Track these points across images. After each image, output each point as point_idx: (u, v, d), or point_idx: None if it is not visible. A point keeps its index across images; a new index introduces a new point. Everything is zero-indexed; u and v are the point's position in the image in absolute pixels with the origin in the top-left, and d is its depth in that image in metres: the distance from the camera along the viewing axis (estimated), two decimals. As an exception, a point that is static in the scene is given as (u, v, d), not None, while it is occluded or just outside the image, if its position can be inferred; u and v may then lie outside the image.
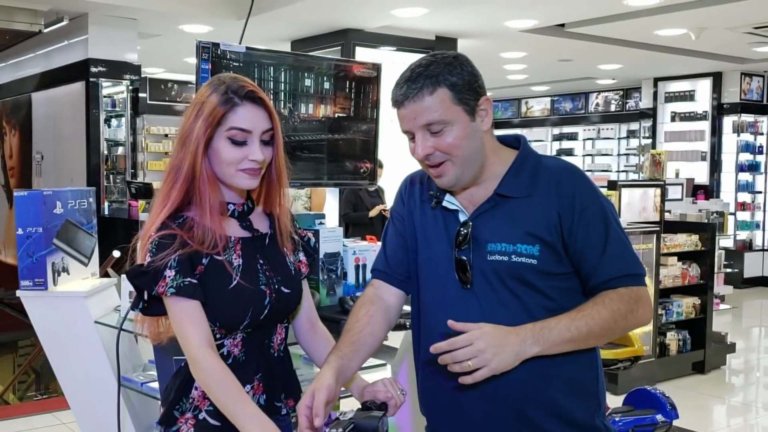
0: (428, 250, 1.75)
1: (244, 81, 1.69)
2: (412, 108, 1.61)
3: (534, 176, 1.67)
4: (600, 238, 1.63)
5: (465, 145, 1.62)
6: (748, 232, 11.43)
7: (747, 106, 11.32)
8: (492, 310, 1.63)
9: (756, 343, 8.11)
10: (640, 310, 1.64)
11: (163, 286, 1.60)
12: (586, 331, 1.59)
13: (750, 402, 5.97)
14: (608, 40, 8.73)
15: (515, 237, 1.63)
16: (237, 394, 1.60)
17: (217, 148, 1.65)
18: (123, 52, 7.67)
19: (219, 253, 1.66)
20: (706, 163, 11.40)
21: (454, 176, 1.65)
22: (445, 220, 1.72)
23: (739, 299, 9.46)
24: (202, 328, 1.63)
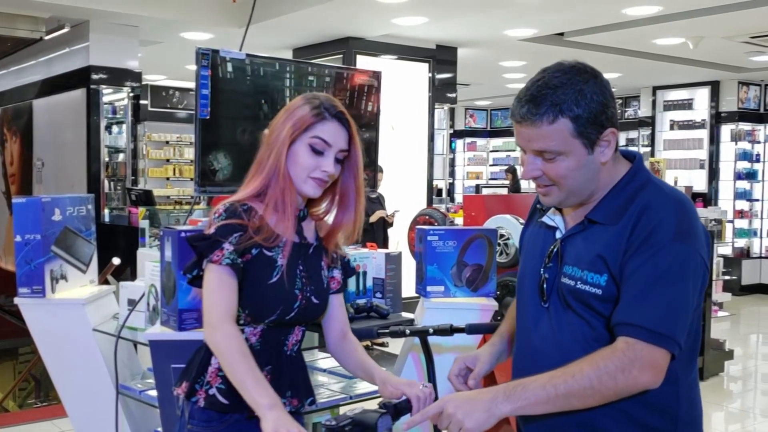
0: (524, 263, 1.78)
1: (337, 102, 1.84)
2: (529, 131, 1.54)
3: (628, 202, 1.56)
4: (644, 280, 1.48)
5: (575, 176, 1.56)
6: (745, 240, 11.45)
7: (744, 115, 11.35)
8: (561, 328, 1.61)
9: (754, 349, 8.11)
10: (637, 372, 1.46)
11: (219, 255, 1.71)
12: (565, 390, 1.48)
13: (748, 408, 5.98)
14: (607, 48, 8.77)
15: (584, 263, 1.57)
16: (249, 364, 1.67)
17: (297, 152, 1.78)
18: (124, 59, 7.70)
19: (270, 249, 1.78)
20: (704, 171, 11.43)
21: (557, 199, 1.62)
22: (544, 236, 1.71)
23: (737, 306, 9.46)
24: (231, 302, 1.73)
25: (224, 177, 2.81)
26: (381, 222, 6.79)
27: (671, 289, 1.48)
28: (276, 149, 1.78)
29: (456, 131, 15.27)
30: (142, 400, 2.66)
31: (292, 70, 2.96)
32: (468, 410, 1.51)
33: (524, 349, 1.70)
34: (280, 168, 1.77)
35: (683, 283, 1.49)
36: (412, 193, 8.14)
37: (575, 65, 1.57)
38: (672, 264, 1.48)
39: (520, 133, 1.58)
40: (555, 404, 1.50)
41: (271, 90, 2.90)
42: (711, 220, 7.46)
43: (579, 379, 1.48)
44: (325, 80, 3.04)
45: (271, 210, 1.78)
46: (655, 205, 1.53)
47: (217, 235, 1.73)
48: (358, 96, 3.12)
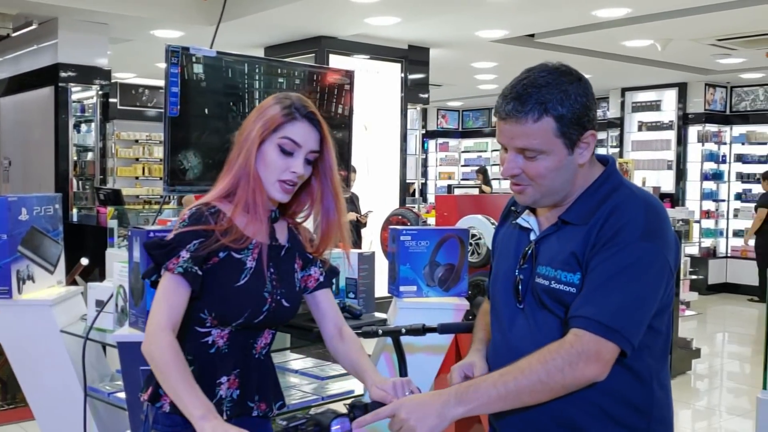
0: (498, 264, 1.79)
1: (308, 103, 1.82)
2: (512, 128, 1.56)
3: (600, 204, 1.59)
4: (602, 276, 1.50)
5: (553, 176, 1.58)
6: (712, 240, 11.63)
7: (711, 117, 11.54)
8: (538, 328, 1.62)
9: (720, 348, 8.25)
10: (582, 364, 1.46)
11: (174, 264, 1.68)
12: (515, 387, 1.49)
13: (714, 406, 6.08)
14: (577, 50, 8.85)
15: (557, 263, 1.59)
16: (183, 374, 1.63)
17: (266, 152, 1.76)
18: (93, 57, 7.61)
19: (238, 251, 1.75)
20: (671, 172, 11.59)
21: (531, 199, 1.64)
22: (518, 237, 1.73)
23: (703, 305, 9.61)
24: (176, 313, 1.69)
25: (194, 176, 2.78)
26: (354, 222, 6.79)
27: (630, 285, 1.50)
28: (245, 149, 1.76)
29: (428, 132, 15.32)
30: (111, 402, 2.63)
31: (263, 69, 2.94)
32: (420, 415, 1.51)
33: (502, 350, 1.70)
34: (249, 168, 1.75)
35: (644, 281, 1.51)
36: (385, 193, 8.15)
37: (560, 66, 1.60)
38: (635, 261, 1.50)
39: (503, 130, 1.59)
40: (507, 402, 1.51)
41: (242, 88, 2.88)
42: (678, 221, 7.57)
43: (528, 375, 1.49)
44: (297, 79, 3.03)
45: (241, 211, 1.76)
46: (625, 206, 1.56)
47: (174, 243, 1.71)
48: (331, 96, 3.10)
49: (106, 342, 2.60)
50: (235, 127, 2.83)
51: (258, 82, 2.92)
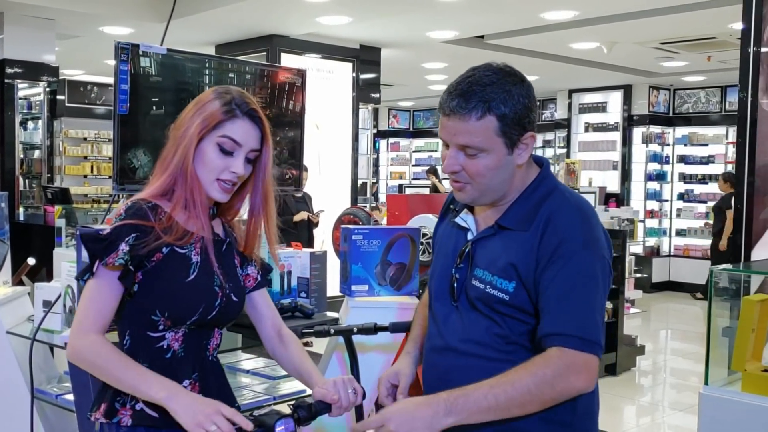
0: (436, 261, 1.81)
1: (250, 99, 1.74)
2: (456, 124, 1.58)
3: (537, 209, 1.63)
4: (560, 290, 1.55)
5: (492, 175, 1.61)
6: (655, 239, 11.91)
7: (655, 118, 11.80)
8: (471, 326, 1.67)
9: (663, 345, 8.44)
10: (573, 377, 1.52)
11: (114, 257, 1.62)
12: (504, 399, 1.52)
13: (657, 402, 6.23)
14: (526, 52, 8.98)
15: (495, 269, 1.62)
16: (126, 362, 1.60)
17: (204, 150, 1.69)
18: (40, 53, 7.45)
19: (181, 246, 1.69)
20: (617, 173, 11.81)
21: (470, 197, 1.66)
22: (456, 236, 1.75)
23: (647, 303, 9.83)
24: (103, 316, 1.63)
25: (144, 175, 2.76)
26: (306, 222, 6.78)
27: (588, 295, 1.57)
28: (182, 147, 1.69)
29: (379, 131, 15.36)
30: (59, 404, 2.60)
31: (214, 66, 2.94)
32: (410, 428, 1.51)
33: (435, 345, 1.75)
34: (187, 167, 1.68)
35: (595, 288, 1.58)
36: (336, 192, 8.16)
37: (504, 67, 1.63)
38: (583, 271, 1.57)
39: (446, 126, 1.61)
40: (496, 413, 1.53)
41: (192, 86, 2.87)
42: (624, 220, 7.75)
43: (518, 388, 1.52)
44: (249, 76, 3.03)
45: (180, 209, 1.69)
46: (561, 216, 1.61)
47: (112, 236, 1.62)
48: (282, 93, 3.11)
49: (54, 343, 2.57)
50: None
51: (209, 80, 2.92)
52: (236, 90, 1.75)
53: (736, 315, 2.63)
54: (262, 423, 1.56)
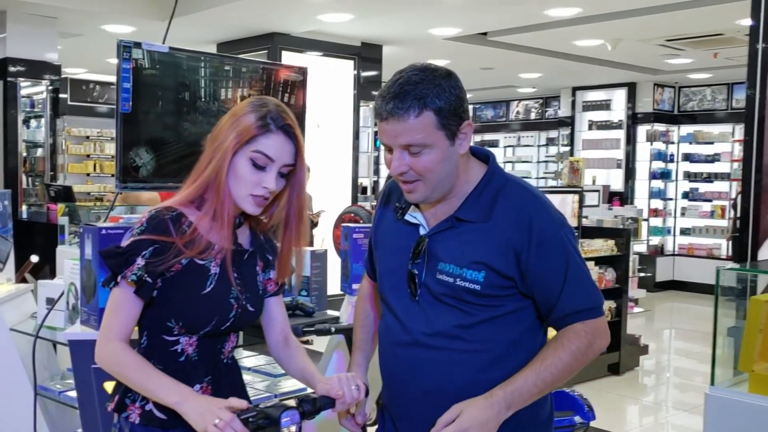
0: (388, 259, 1.82)
1: (286, 113, 1.74)
2: (395, 126, 1.62)
3: (494, 200, 1.69)
4: (559, 271, 1.67)
5: (440, 168, 1.65)
6: (659, 238, 11.88)
7: (659, 116, 11.77)
8: (437, 318, 1.71)
9: (667, 344, 8.42)
10: (598, 341, 1.70)
11: (130, 271, 1.64)
12: (551, 380, 1.67)
13: (661, 401, 6.21)
14: (529, 49, 8.97)
15: (464, 262, 1.67)
16: (145, 369, 1.65)
17: (238, 165, 1.69)
18: (43, 52, 7.45)
19: (200, 258, 1.70)
20: (621, 171, 11.78)
21: (423, 195, 1.69)
22: (406, 233, 1.77)
23: (651, 302, 9.80)
24: (125, 326, 1.68)
25: (147, 173, 2.76)
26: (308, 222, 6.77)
27: (580, 267, 1.70)
28: (216, 160, 1.70)
29: (381, 129, 15.31)
30: (62, 401, 2.60)
31: (215, 65, 2.94)
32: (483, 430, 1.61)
33: (400, 340, 1.76)
34: (220, 180, 1.69)
35: (580, 256, 1.72)
36: (337, 191, 8.15)
37: (428, 65, 1.66)
38: (568, 248, 1.69)
39: (385, 131, 1.64)
40: (542, 393, 1.69)
41: (194, 84, 2.87)
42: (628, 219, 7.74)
43: (561, 367, 1.66)
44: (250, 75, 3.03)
45: (209, 219, 1.70)
46: (527, 205, 1.69)
47: (130, 251, 1.65)
48: (283, 92, 3.11)
49: (57, 340, 2.57)
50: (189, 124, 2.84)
51: (210, 78, 2.92)
52: (273, 103, 1.75)
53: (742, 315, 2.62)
54: (268, 415, 1.58)
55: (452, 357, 1.69)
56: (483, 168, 1.75)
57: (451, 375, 1.69)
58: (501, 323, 1.69)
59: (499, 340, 1.69)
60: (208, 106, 2.89)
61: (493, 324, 1.69)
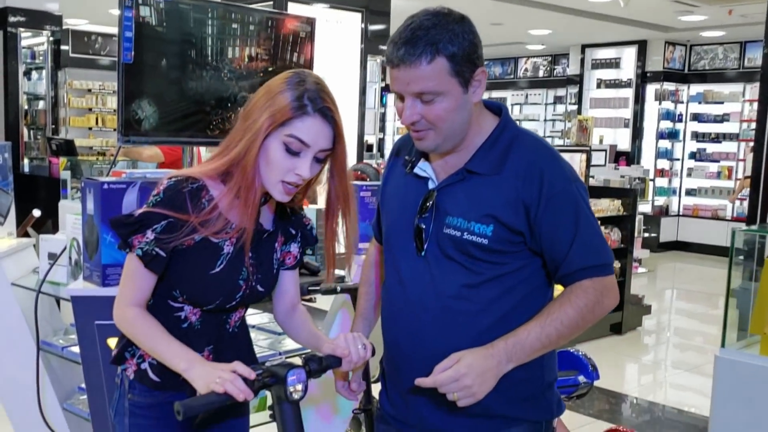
0: (394, 213, 1.77)
1: (325, 93, 1.62)
2: (407, 73, 1.55)
3: (506, 153, 1.64)
4: (569, 226, 1.62)
5: (452, 117, 1.59)
6: (665, 198, 11.84)
7: (669, 75, 11.63)
8: (442, 277, 1.66)
9: (668, 304, 8.45)
10: (606, 300, 1.65)
11: (139, 241, 1.59)
12: (556, 336, 1.61)
13: (660, 360, 6.26)
14: (539, 4, 8.81)
15: (472, 215, 1.63)
16: (156, 333, 1.63)
17: (270, 148, 1.59)
18: (43, 2, 7.34)
19: (215, 236, 1.63)
20: (628, 130, 11.70)
21: (434, 143, 1.63)
22: (415, 186, 1.72)
23: (654, 263, 9.82)
24: (141, 293, 1.65)
25: (150, 126, 2.71)
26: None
27: (591, 223, 1.65)
28: (247, 140, 1.58)
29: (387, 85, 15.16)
30: (65, 356, 2.58)
31: (219, 14, 2.86)
32: (481, 381, 1.56)
33: (400, 303, 1.72)
34: (249, 162, 1.58)
35: (591, 214, 1.67)
36: (342, 147, 8.08)
37: (442, 9, 1.60)
38: (579, 202, 1.64)
39: (397, 78, 1.58)
40: (547, 349, 1.64)
41: (198, 35, 2.80)
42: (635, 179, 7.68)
43: (566, 323, 1.61)
44: (252, 27, 2.95)
45: (232, 196, 1.61)
46: (539, 158, 1.64)
47: (140, 221, 1.59)
48: (288, 44, 3.03)
49: (60, 296, 2.54)
50: (192, 76, 2.78)
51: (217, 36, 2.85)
52: (312, 80, 1.62)
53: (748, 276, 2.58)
54: (274, 373, 1.56)
55: (457, 319, 1.65)
56: (495, 120, 1.70)
57: (456, 337, 1.64)
58: (507, 282, 1.65)
59: (505, 300, 1.65)
60: (213, 62, 2.82)
61: (500, 283, 1.65)
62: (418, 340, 1.68)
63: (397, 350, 1.75)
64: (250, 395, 1.51)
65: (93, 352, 2.27)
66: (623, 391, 5.17)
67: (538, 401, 1.72)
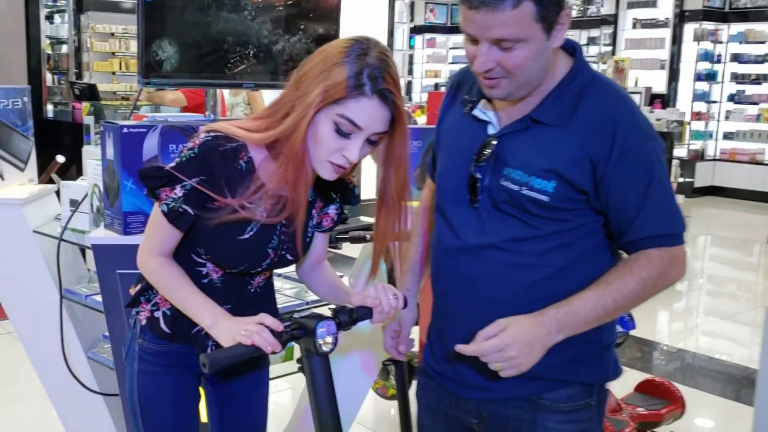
0: (449, 158, 1.64)
1: (388, 71, 1.44)
2: (487, 17, 1.37)
3: (577, 102, 1.48)
4: (639, 188, 1.46)
5: (531, 65, 1.43)
6: (701, 142, 11.55)
7: (708, 14, 11.24)
8: (495, 230, 1.54)
9: (701, 251, 8.30)
10: (673, 271, 1.50)
11: (166, 195, 1.50)
12: (613, 308, 1.49)
13: (692, 307, 6.15)
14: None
15: (533, 169, 1.48)
16: (182, 289, 1.58)
17: (318, 124, 1.45)
18: (63, -57, 7.19)
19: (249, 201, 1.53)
20: (664, 72, 11.38)
21: (506, 92, 1.48)
22: (472, 130, 1.57)
23: (689, 208, 9.62)
24: (166, 244, 1.58)
25: (171, 67, 2.60)
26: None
27: (665, 187, 1.50)
28: (296, 114, 1.45)
29: (415, 27, 14.86)
30: (88, 305, 2.53)
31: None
32: (528, 352, 1.45)
33: (450, 252, 1.60)
34: (297, 139, 1.45)
35: (665, 177, 1.51)
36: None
37: None
38: (653, 163, 1.48)
39: (474, 21, 1.40)
40: (601, 321, 1.51)
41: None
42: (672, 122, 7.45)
43: (626, 294, 1.48)
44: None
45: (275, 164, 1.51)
46: (612, 108, 1.48)
47: (171, 176, 1.48)
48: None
49: (82, 244, 2.48)
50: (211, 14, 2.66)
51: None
52: (375, 53, 1.44)
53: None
54: (303, 325, 1.49)
55: (506, 271, 1.52)
56: (568, 62, 1.53)
57: (504, 290, 1.53)
58: (563, 239, 1.51)
59: (559, 256, 1.51)
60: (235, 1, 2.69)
61: (556, 238, 1.51)
62: (467, 292, 1.57)
63: (445, 301, 1.65)
64: (278, 347, 1.44)
65: (115, 301, 2.22)
66: (655, 339, 5.09)
67: (590, 363, 1.60)
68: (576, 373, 1.58)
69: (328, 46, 1.48)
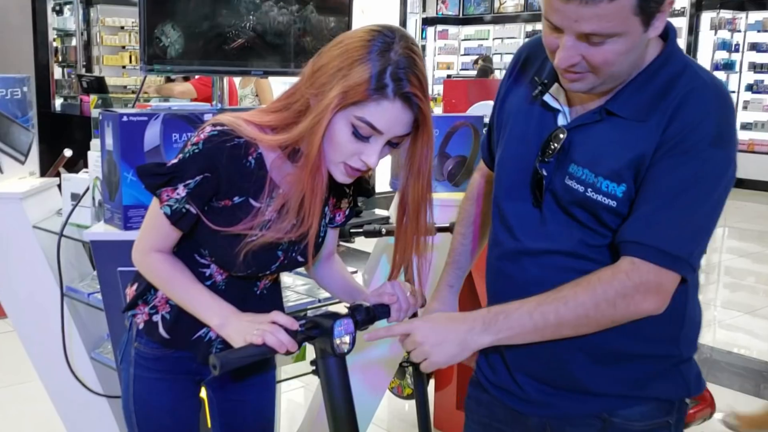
0: (511, 147, 1.45)
1: (414, 72, 1.31)
2: (579, 10, 1.19)
3: (661, 95, 1.28)
4: (664, 191, 1.25)
5: (622, 60, 1.25)
6: (719, 133, 11.43)
7: (726, 2, 11.14)
8: (558, 229, 1.36)
9: (719, 243, 8.18)
10: (638, 297, 1.25)
11: (168, 195, 1.40)
12: (555, 319, 1.28)
13: (710, 300, 6.04)
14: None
15: (602, 169, 1.29)
16: (186, 284, 1.48)
17: (335, 125, 1.33)
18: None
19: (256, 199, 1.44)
20: (681, 62, 11.26)
21: (589, 86, 1.30)
22: (540, 117, 1.40)
23: (708, 200, 9.49)
24: (166, 241, 1.48)
25: (176, 53, 2.51)
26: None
27: (699, 203, 1.26)
28: (313, 117, 1.33)
29: (427, 18, 14.73)
30: (91, 303, 2.43)
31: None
32: (438, 341, 1.33)
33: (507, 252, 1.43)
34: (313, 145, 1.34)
35: (714, 196, 1.27)
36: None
37: None
38: (706, 174, 1.25)
39: (562, 11, 1.22)
40: (543, 334, 1.30)
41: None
42: (691, 111, 7.34)
43: (573, 307, 1.27)
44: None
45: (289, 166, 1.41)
46: (693, 100, 1.26)
47: (173, 173, 1.38)
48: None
49: (82, 239, 2.38)
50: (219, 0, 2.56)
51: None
52: (400, 49, 1.31)
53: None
54: (319, 324, 1.39)
55: (571, 277, 1.31)
56: (658, 45, 1.32)
57: None
58: None
59: None
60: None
61: None
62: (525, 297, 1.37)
63: None
64: (294, 347, 1.35)
65: (116, 300, 2.11)
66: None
67: (668, 377, 1.40)
68: (651, 388, 1.39)
69: (347, 36, 1.35)
